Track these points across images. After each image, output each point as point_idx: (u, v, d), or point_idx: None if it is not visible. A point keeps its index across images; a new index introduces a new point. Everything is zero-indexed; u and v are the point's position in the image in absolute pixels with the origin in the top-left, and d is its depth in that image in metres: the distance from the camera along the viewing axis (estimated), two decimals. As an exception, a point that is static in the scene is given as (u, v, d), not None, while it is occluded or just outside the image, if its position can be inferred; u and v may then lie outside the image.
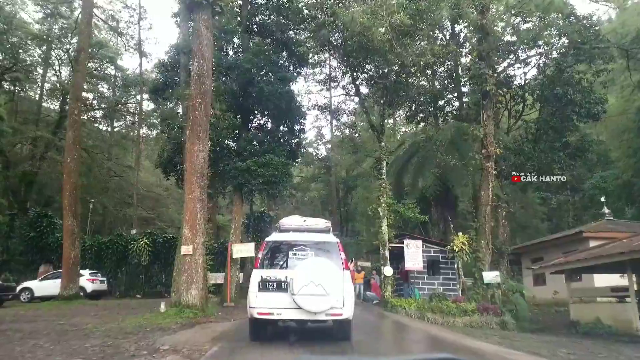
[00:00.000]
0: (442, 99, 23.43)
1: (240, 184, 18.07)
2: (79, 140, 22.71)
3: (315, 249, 8.51)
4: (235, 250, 18.00)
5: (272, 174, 17.78)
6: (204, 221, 14.35)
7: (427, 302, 17.37)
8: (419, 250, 17.49)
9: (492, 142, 18.94)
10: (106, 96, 40.00)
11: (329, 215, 50.16)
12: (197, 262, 13.95)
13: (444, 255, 19.23)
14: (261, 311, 8.01)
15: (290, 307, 7.79)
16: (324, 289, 7.60)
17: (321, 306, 7.65)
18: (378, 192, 18.05)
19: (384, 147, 18.41)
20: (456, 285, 19.12)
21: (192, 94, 14.51)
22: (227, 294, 18.01)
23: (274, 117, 19.40)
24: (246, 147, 18.63)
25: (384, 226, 17.69)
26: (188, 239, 13.99)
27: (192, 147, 14.31)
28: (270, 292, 7.97)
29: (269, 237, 9.16)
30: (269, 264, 8.53)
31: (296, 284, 7.65)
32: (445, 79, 24.42)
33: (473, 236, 18.65)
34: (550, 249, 24.28)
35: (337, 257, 8.32)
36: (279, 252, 8.75)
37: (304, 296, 7.60)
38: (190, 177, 14.21)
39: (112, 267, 28.37)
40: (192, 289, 13.76)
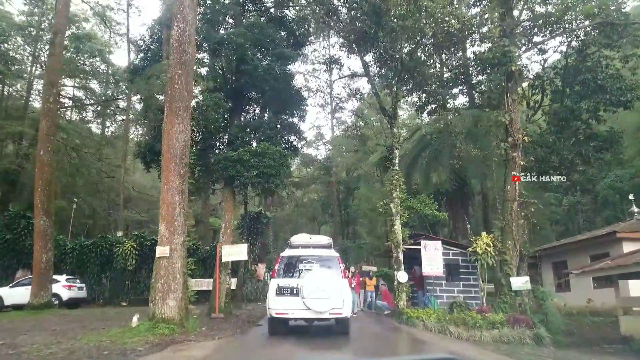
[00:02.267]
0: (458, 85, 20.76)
1: (231, 176, 15.44)
2: (53, 131, 20.09)
3: (319, 262, 10.72)
4: (225, 253, 15.33)
5: (268, 164, 15.16)
6: (185, 217, 11.70)
7: (447, 313, 14.71)
8: (438, 253, 14.84)
9: (519, 129, 16.36)
10: (97, 93, 37.27)
11: (330, 218, 47.63)
12: (175, 266, 11.28)
13: (465, 259, 16.58)
14: (278, 311, 10.13)
15: (300, 308, 9.88)
16: (327, 293, 9.76)
17: (325, 307, 9.80)
18: (390, 185, 15.41)
19: (396, 133, 15.80)
20: (478, 292, 16.44)
21: (171, 64, 11.92)
22: (215, 303, 15.28)
23: (270, 100, 16.77)
24: (238, 134, 16.00)
25: (397, 224, 15.05)
26: (164, 238, 11.35)
27: (170, 128, 11.67)
28: (285, 297, 10.07)
29: (283, 253, 11.43)
30: (284, 274, 10.62)
31: (305, 289, 9.83)
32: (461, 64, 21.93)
33: (498, 236, 16.01)
34: (576, 252, 21.63)
35: (337, 268, 10.57)
36: (291, 264, 10.86)
37: (311, 299, 9.75)
38: (167, 163, 11.57)
39: (96, 272, 25.65)
40: (169, 298, 11.09)
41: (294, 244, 12.06)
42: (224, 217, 16.29)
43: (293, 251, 11.37)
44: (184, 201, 11.67)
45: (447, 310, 15.20)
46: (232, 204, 16.37)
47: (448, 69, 22.24)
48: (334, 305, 9.77)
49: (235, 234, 28.60)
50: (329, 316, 10.02)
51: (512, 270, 15.76)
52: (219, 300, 15.53)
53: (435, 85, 20.46)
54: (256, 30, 15.25)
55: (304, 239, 12.18)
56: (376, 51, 15.57)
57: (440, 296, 16.10)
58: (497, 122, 16.77)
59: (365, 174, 42.99)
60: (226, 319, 14.87)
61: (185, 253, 11.70)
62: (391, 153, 15.74)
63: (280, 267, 10.65)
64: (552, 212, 35.13)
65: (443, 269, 15.69)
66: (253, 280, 26.68)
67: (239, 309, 20.02)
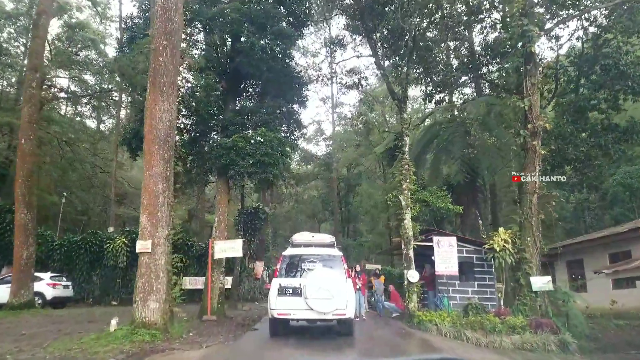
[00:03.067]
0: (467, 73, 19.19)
1: (224, 165, 13.94)
2: (36, 119, 18.54)
3: (323, 261, 10.28)
4: (218, 249, 13.84)
5: (265, 152, 13.66)
6: (170, 207, 10.21)
7: (462, 316, 13.23)
8: (452, 250, 13.34)
9: (539, 116, 14.87)
10: (90, 85, 35.66)
11: (330, 215, 46.08)
12: (158, 263, 9.81)
13: (480, 257, 15.09)
14: (280, 312, 9.65)
15: (303, 309, 9.45)
16: (330, 294, 9.32)
17: (329, 307, 9.36)
18: (399, 175, 13.90)
19: (407, 118, 14.28)
20: (494, 293, 14.95)
21: (155, 34, 10.42)
22: (207, 304, 13.78)
23: (268, 83, 15.21)
24: (233, 119, 14.47)
25: (408, 218, 13.54)
26: (146, 231, 9.88)
27: (153, 106, 10.18)
28: (287, 297, 9.62)
29: (285, 252, 10.89)
30: (286, 273, 10.19)
31: (308, 289, 9.39)
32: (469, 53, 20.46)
33: (516, 232, 14.52)
34: (593, 250, 20.15)
35: (341, 268, 10.11)
36: (294, 263, 10.45)
37: (315, 299, 9.33)
38: (150, 145, 10.07)
39: (85, 269, 24.12)
40: (151, 300, 9.61)
41: (296, 242, 11.78)
42: (217, 211, 14.77)
43: (295, 250, 11.07)
44: (169, 189, 10.18)
45: (462, 313, 13.74)
46: (227, 196, 14.86)
47: (456, 56, 20.79)
48: (337, 305, 9.39)
49: (231, 229, 27.18)
50: (332, 317, 9.66)
51: (532, 269, 14.28)
52: (212, 301, 14.02)
53: (442, 73, 18.98)
54: (253, 4, 13.73)
55: (306, 238, 11.88)
56: (384, 29, 14.04)
57: (453, 297, 14.61)
58: (514, 109, 15.29)
59: (367, 170, 41.52)
60: (219, 322, 13.38)
61: (170, 248, 10.21)
62: (400, 140, 14.23)
63: (282, 266, 10.28)
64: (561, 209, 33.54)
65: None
66: (250, 278, 25.16)
67: (234, 309, 18.54)
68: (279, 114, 14.76)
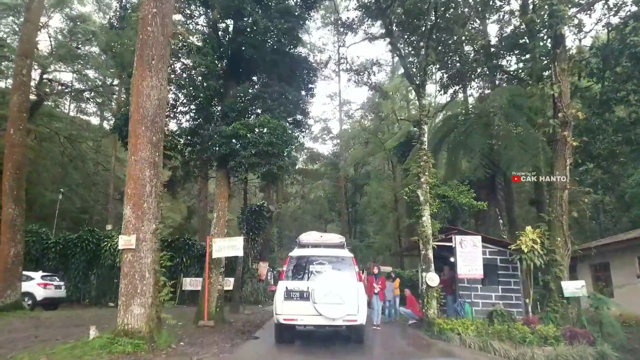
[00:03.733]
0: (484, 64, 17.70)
1: (224, 155, 12.59)
2: (26, 107, 17.26)
3: (332, 263, 9.61)
4: (217, 247, 12.47)
5: (269, 141, 12.27)
6: (158, 197, 8.84)
7: (487, 324, 11.76)
8: (477, 250, 11.87)
9: (570, 103, 13.42)
10: (92, 79, 34.51)
11: (336, 216, 44.64)
12: (144, 261, 8.44)
13: (504, 258, 13.61)
14: (286, 317, 8.98)
15: (311, 314, 8.79)
16: (341, 298, 8.66)
17: (339, 313, 8.67)
18: (417, 167, 12.45)
19: (425, 105, 12.84)
20: (520, 298, 13.45)
21: (143, 0, 9.02)
22: (203, 308, 12.40)
23: (272, 67, 13.81)
24: (235, 105, 13.09)
25: (426, 215, 12.09)
26: (130, 225, 8.50)
27: (140, 82, 8.83)
28: (294, 301, 8.98)
29: (292, 253, 10.08)
30: (293, 276, 9.52)
31: (317, 293, 8.72)
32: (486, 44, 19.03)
33: (545, 232, 13.05)
34: (621, 253, 18.53)
35: (352, 271, 9.46)
36: (301, 265, 9.74)
37: (324, 304, 8.67)
38: (136, 126, 8.72)
39: (81, 269, 22.78)
40: (135, 304, 8.24)
41: (303, 242, 11.04)
42: (216, 205, 13.39)
43: (303, 251, 10.35)
44: (157, 177, 8.82)
45: (486, 321, 12.27)
46: (227, 190, 13.48)
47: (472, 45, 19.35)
48: (348, 311, 8.70)
49: (234, 229, 25.81)
50: (342, 323, 8.91)
51: (563, 273, 12.81)
52: (209, 305, 12.64)
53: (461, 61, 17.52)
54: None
55: (315, 238, 11.09)
56: (401, 8, 12.62)
57: (475, 303, 13.13)
58: (542, 97, 13.83)
59: (375, 169, 40.08)
60: (216, 328, 11.99)
61: (157, 245, 8.84)
62: (418, 129, 12.80)
63: (289, 268, 9.60)
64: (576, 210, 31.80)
65: (478, 270, 12.67)
66: (254, 280, 23.76)
67: (235, 313, 17.15)
68: (285, 101, 13.35)
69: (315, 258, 9.72)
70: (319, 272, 9.28)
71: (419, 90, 12.66)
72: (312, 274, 9.38)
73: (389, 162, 35.06)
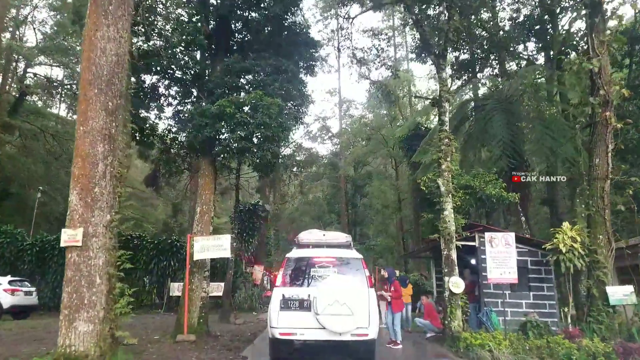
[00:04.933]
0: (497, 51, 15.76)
1: (208, 138, 10.54)
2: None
3: (338, 266, 7.95)
4: (199, 248, 10.42)
5: (262, 122, 10.27)
6: (114, 180, 6.79)
7: (522, 338, 9.73)
8: (510, 250, 9.81)
9: (611, 80, 11.48)
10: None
11: (336, 218, 42.60)
12: (94, 263, 6.40)
13: (536, 260, 11.59)
14: (283, 331, 7.36)
15: (313, 327, 7.23)
16: (349, 309, 7.06)
17: (347, 326, 7.09)
18: (438, 152, 10.42)
19: (446, 78, 10.82)
20: (555, 306, 11.41)
21: None
22: (184, 319, 10.32)
23: (266, 36, 11.81)
24: (221, 80, 11.05)
25: (448, 209, 10.06)
26: (76, 215, 6.46)
27: (92, 33, 6.81)
28: (292, 311, 7.40)
29: (290, 254, 8.44)
30: (291, 281, 7.88)
31: (320, 303, 7.14)
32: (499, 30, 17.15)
33: (583, 228, 11.06)
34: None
35: (362, 275, 7.77)
36: (301, 269, 8.09)
37: (328, 316, 7.08)
38: (86, 88, 6.70)
39: (59, 272, 20.51)
40: (80, 319, 6.21)
41: (303, 242, 9.33)
42: (199, 199, 11.31)
43: (303, 252, 8.59)
44: (114, 155, 6.77)
45: (518, 333, 10.25)
46: (213, 180, 11.40)
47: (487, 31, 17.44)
48: (358, 323, 7.11)
49: (227, 231, 23.67)
50: (350, 338, 7.23)
51: (607, 277, 10.81)
52: (190, 315, 10.57)
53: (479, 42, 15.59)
54: None
55: (316, 237, 9.33)
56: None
57: (502, 312, 11.07)
58: (578, 73, 11.87)
59: (376, 169, 38.11)
60: (198, 344, 9.90)
61: (114, 242, 6.79)
62: (439, 107, 10.80)
63: (286, 272, 7.99)
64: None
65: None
66: (248, 285, 21.67)
67: (226, 322, 15.05)
68: (281, 77, 11.32)
69: (318, 260, 8.03)
70: (322, 277, 7.63)
71: (439, 61, 10.66)
72: (314, 279, 7.73)
73: (391, 160, 33.08)
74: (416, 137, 20.81)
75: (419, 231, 23.64)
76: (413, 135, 21.05)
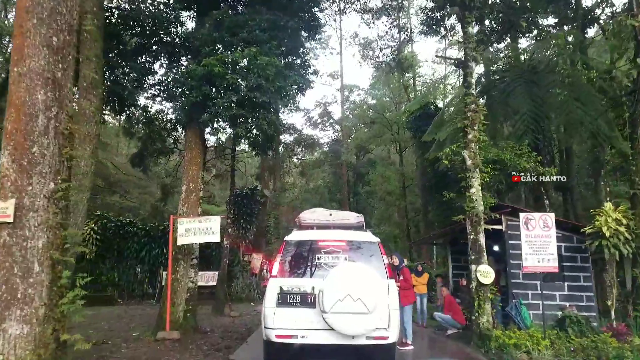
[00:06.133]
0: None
1: (194, 104, 8.93)
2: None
3: (350, 251, 6.22)
4: (183, 231, 8.86)
5: (257, 85, 8.67)
6: (60, 139, 5.17)
7: (564, 337, 8.20)
8: (550, 234, 8.22)
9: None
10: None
11: (338, 207, 41.00)
12: (31, 245, 4.83)
13: (570, 246, 10.01)
14: (281, 333, 5.71)
15: (319, 328, 5.62)
16: (365, 305, 5.41)
17: (362, 327, 5.46)
18: (463, 119, 8.77)
19: (472, 34, 9.15)
20: (592, 299, 9.84)
21: None
22: (166, 313, 8.78)
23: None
24: (209, 37, 9.40)
25: (475, 186, 8.46)
26: (8, 183, 4.84)
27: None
28: (292, 308, 5.78)
29: (289, 236, 6.60)
30: (290, 270, 6.18)
31: (328, 298, 5.47)
32: None
33: (627, 209, 9.47)
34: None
35: (380, 263, 6.05)
36: (303, 255, 6.32)
37: (339, 314, 5.42)
38: (23, 18, 5.08)
39: (45, 262, 19.07)
40: (11, 319, 4.64)
41: (306, 223, 7.40)
42: (185, 175, 9.69)
43: (305, 234, 6.71)
44: (60, 106, 5.16)
45: (555, 328, 8.71)
46: (200, 153, 9.79)
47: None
48: (376, 323, 5.52)
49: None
50: (366, 342, 5.60)
51: (656, 265, 9.25)
52: (174, 310, 9.02)
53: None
54: None
55: (321, 216, 7.41)
56: None
57: (533, 305, 9.54)
58: (619, 34, 10.20)
59: (379, 156, 36.44)
60: (181, 343, 8.36)
61: (60, 218, 5.18)
62: (464, 67, 9.16)
63: (285, 258, 6.25)
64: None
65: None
66: (246, 274, 20.18)
67: (220, 315, 13.53)
68: (279, 34, 9.64)
69: (325, 244, 6.26)
70: (330, 265, 5.96)
71: (464, 13, 9.01)
72: (320, 268, 6.04)
73: (396, 145, 31.42)
74: (425, 117, 19.20)
75: (427, 217, 22.08)
76: (422, 115, 19.44)
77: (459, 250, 13.14)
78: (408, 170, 29.62)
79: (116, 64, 9.84)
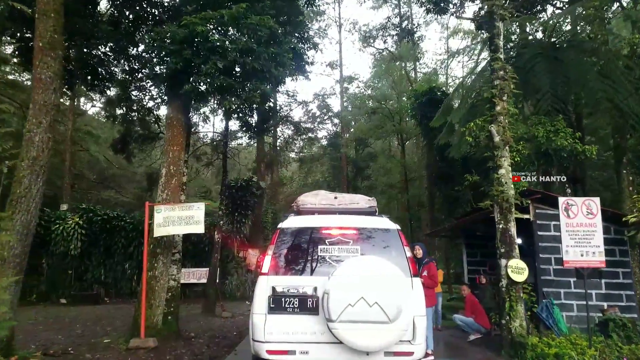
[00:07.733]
0: None
1: (174, 72, 7.53)
2: None
3: (362, 242, 4.71)
4: (161, 219, 7.45)
5: (246, 48, 7.28)
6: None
7: (612, 344, 6.86)
8: (595, 222, 6.89)
9: None
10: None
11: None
12: None
13: (608, 237, 8.66)
14: (274, 348, 4.32)
15: (323, 342, 4.28)
16: (384, 312, 4.06)
17: (380, 341, 4.10)
18: (491, 89, 7.35)
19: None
20: (634, 298, 8.50)
21: None
22: (141, 317, 7.38)
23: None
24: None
25: (505, 166, 7.07)
26: None
27: None
28: (289, 315, 4.42)
29: (284, 223, 4.97)
30: (286, 266, 4.70)
31: (335, 302, 4.10)
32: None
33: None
34: None
35: (401, 255, 4.58)
36: (301, 246, 4.79)
37: (349, 324, 4.05)
38: None
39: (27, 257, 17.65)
40: None
41: (305, 208, 5.67)
42: (165, 156, 8.28)
43: (304, 220, 5.08)
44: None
45: (596, 332, 7.38)
46: (182, 132, 8.39)
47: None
48: (398, 335, 4.09)
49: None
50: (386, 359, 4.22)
51: None
52: (152, 312, 7.63)
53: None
54: None
55: (325, 200, 5.72)
56: None
57: (567, 305, 8.21)
58: None
59: (380, 148, 35.12)
60: (157, 353, 6.97)
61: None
62: (489, 28, 7.78)
63: (279, 251, 4.72)
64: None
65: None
66: (241, 271, 18.84)
67: (211, 315, 12.16)
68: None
69: (330, 232, 4.76)
70: (337, 260, 4.53)
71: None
72: (324, 263, 4.57)
73: (398, 136, 30.06)
74: (431, 103, 17.85)
75: (433, 209, 20.74)
76: (427, 101, 18.07)
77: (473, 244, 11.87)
78: (410, 162, 28.28)
79: (86, 29, 8.42)
